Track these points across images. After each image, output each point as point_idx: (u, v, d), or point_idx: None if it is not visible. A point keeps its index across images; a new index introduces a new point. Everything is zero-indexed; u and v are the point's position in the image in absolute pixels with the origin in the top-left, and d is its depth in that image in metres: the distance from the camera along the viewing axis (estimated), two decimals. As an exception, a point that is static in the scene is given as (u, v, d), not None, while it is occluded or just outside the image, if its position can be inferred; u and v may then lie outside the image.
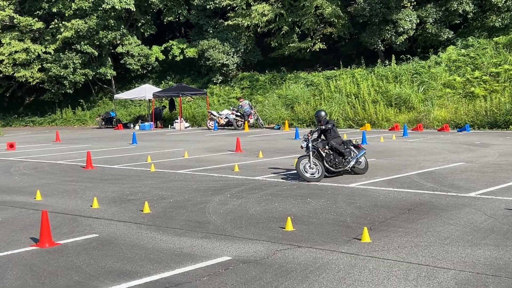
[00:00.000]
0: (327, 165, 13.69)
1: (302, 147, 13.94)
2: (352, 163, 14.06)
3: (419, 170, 14.72)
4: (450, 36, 33.82)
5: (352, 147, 14.34)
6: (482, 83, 30.33)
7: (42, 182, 14.70)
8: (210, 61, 39.45)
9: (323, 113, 14.77)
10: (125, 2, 40.39)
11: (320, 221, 9.41)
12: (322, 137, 14.40)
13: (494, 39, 32.61)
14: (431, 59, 33.26)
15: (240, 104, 33.79)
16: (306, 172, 13.45)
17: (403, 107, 30.91)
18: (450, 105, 29.73)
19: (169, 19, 42.11)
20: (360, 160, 14.38)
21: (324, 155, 13.76)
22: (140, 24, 43.82)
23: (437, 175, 13.84)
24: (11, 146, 24.42)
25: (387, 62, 34.63)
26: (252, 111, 33.42)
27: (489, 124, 27.67)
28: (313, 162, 13.49)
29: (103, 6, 40.26)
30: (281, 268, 7.07)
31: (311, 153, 13.52)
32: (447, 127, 27.38)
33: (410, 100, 30.76)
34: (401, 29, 33.35)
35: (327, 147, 14.02)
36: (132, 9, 41.03)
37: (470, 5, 33.08)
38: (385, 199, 11.08)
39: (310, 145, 13.61)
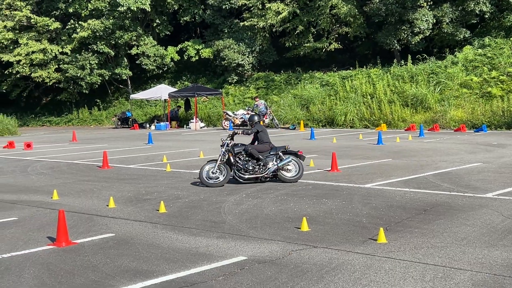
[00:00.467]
0: (235, 170, 13.44)
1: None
2: (271, 169, 13.45)
3: (436, 170, 14.64)
4: (466, 36, 33.60)
5: (280, 154, 13.64)
6: (499, 83, 30.09)
7: (59, 182, 14.80)
8: (225, 61, 39.51)
9: (256, 118, 14.48)
10: (141, 2, 40.55)
11: (336, 222, 9.39)
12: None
13: (511, 38, 32.34)
14: (448, 59, 33.06)
15: (255, 103, 33.77)
16: (209, 177, 13.26)
17: (419, 107, 30.75)
18: (466, 105, 29.53)
19: (185, 19, 42.23)
20: (288, 167, 13.61)
21: (232, 161, 13.47)
22: (155, 24, 43.98)
23: (453, 175, 13.75)
24: (28, 145, 24.62)
25: (403, 62, 34.46)
26: (267, 111, 33.42)
27: (506, 125, 27.45)
28: (218, 166, 13.30)
29: (119, 8, 40.45)
30: (297, 268, 7.06)
31: (220, 157, 13.40)
32: (464, 128, 27.20)
33: (427, 100, 30.59)
34: (417, 29, 33.18)
35: (242, 152, 13.67)
36: (148, 9, 41.19)
37: (487, 5, 32.85)
38: (401, 199, 11.03)
39: (223, 149, 13.50)
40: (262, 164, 13.53)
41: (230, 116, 34.42)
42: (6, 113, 40.80)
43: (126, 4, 40.10)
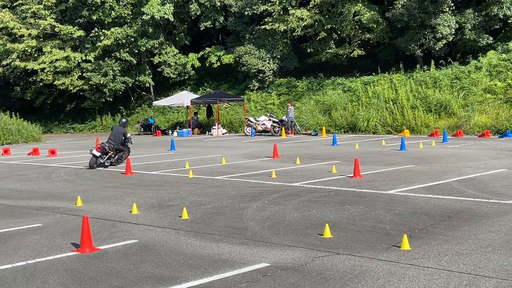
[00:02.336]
0: None
1: None
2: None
3: (460, 176, 14.51)
4: (489, 42, 33.30)
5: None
6: (524, 88, 29.78)
7: (83, 188, 14.92)
8: (245, 67, 39.56)
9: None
10: (164, 12, 40.84)
11: (359, 228, 9.34)
12: None
13: (536, 43, 32.03)
14: (471, 64, 32.78)
15: (289, 107, 33.51)
16: None
17: (442, 113, 30.52)
18: (491, 110, 29.23)
19: (205, 24, 42.40)
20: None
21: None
22: (177, 32, 44.23)
23: (478, 181, 13.62)
24: (52, 152, 24.87)
25: (425, 67, 34.24)
26: (293, 118, 33.24)
27: (531, 130, 27.13)
28: None
29: (143, 17, 40.81)
30: (320, 275, 7.04)
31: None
32: (488, 133, 26.93)
33: (450, 106, 30.35)
34: (440, 34, 32.95)
35: None
36: (171, 19, 41.47)
37: (511, 9, 32.52)
38: (425, 206, 10.94)
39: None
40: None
41: (252, 122, 34.46)
42: (31, 120, 41.30)
43: (150, 13, 40.42)
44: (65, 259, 8.15)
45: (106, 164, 19.61)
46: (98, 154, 19.32)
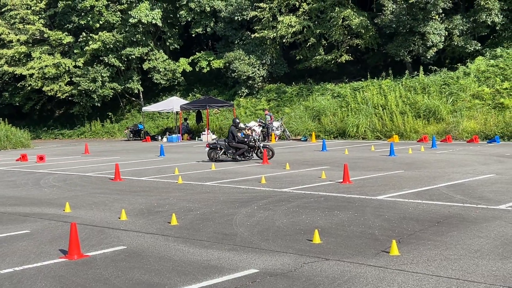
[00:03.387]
0: None
1: None
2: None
3: (448, 182, 14.56)
4: (477, 48, 33.50)
5: None
6: (511, 93, 29.97)
7: (71, 194, 14.85)
8: (235, 73, 39.58)
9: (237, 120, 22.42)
10: (152, 17, 40.83)
11: (348, 234, 9.35)
12: None
13: (523, 49, 32.25)
14: (460, 70, 32.96)
15: (266, 114, 33.70)
16: None
17: (431, 119, 30.65)
18: (479, 116, 29.39)
19: (196, 30, 42.43)
20: None
21: None
22: (166, 37, 44.20)
23: (466, 187, 13.67)
24: (41, 158, 24.75)
25: (415, 73, 34.39)
26: (275, 125, 33.34)
27: (519, 136, 27.30)
28: None
29: (130, 20, 40.78)
30: (309, 281, 7.03)
31: None
32: (477, 139, 27.05)
33: (439, 111, 30.49)
34: (430, 42, 33.09)
35: None
36: (159, 24, 41.45)
37: (499, 16, 32.75)
38: (414, 211, 10.96)
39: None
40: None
41: (242, 128, 34.38)
42: (19, 126, 41.10)
43: (137, 17, 40.41)
44: (53, 266, 8.09)
45: (220, 157, 21.96)
46: (206, 149, 22.58)
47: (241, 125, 34.94)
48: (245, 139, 21.82)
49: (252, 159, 22.00)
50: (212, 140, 35.56)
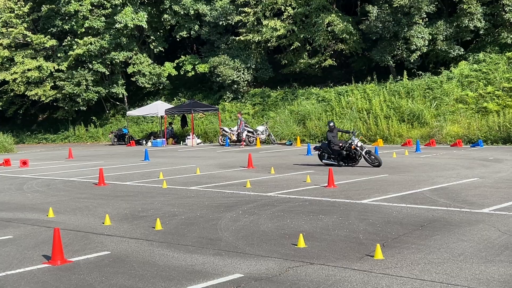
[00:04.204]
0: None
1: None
2: None
3: (432, 186, 14.63)
4: (460, 53, 33.75)
5: None
6: (495, 98, 30.20)
7: (55, 199, 14.74)
8: (220, 78, 39.57)
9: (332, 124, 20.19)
10: (138, 19, 40.74)
11: (333, 238, 9.36)
12: None
13: (506, 54, 32.50)
14: (443, 74, 33.19)
15: (239, 118, 33.81)
16: None
17: (415, 123, 30.82)
18: (463, 120, 29.59)
19: (181, 34, 42.38)
20: None
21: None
22: (150, 40, 44.11)
23: (450, 191, 13.75)
24: (24, 163, 24.56)
25: (399, 78, 34.58)
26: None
27: (502, 139, 27.50)
28: None
29: (116, 25, 40.67)
30: (294, 285, 7.02)
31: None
32: (460, 143, 27.24)
33: (423, 116, 30.67)
34: (414, 46, 33.30)
35: None
36: (144, 26, 41.36)
37: (482, 21, 33.02)
38: (398, 215, 11.00)
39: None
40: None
41: (227, 132, 34.44)
42: (3, 130, 40.84)
43: (123, 21, 40.30)
44: (36, 272, 8.03)
45: (327, 161, 20.43)
46: (317, 152, 21.26)
47: (226, 129, 35.14)
48: (340, 144, 20.04)
49: (357, 165, 20.06)
50: (197, 144, 35.54)
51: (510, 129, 27.48)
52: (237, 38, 39.43)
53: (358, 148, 19.69)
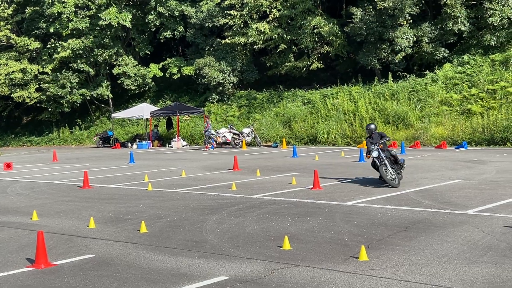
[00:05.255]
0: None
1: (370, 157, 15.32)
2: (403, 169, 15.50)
3: (417, 187, 14.70)
4: (445, 55, 33.96)
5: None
6: (479, 100, 30.41)
7: (39, 202, 14.64)
8: (205, 79, 39.50)
9: (372, 126, 15.87)
10: (122, 18, 40.61)
11: (318, 240, 9.37)
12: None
13: (490, 56, 32.74)
14: (428, 76, 33.37)
15: (207, 121, 33.90)
16: (392, 178, 14.76)
17: (400, 125, 30.95)
18: (447, 122, 29.77)
19: (165, 34, 42.30)
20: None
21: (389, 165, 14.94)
22: (135, 43, 44.00)
23: (434, 192, 13.82)
24: (8, 166, 24.37)
25: (384, 80, 34.73)
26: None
27: (486, 141, 27.70)
28: (391, 171, 14.82)
29: (100, 22, 40.52)
30: (279, 287, 7.02)
31: (385, 163, 14.85)
32: (445, 144, 27.39)
33: (408, 118, 30.81)
34: (398, 47, 33.48)
35: (389, 157, 15.24)
36: (128, 25, 41.23)
37: (466, 24, 33.25)
38: (383, 217, 11.04)
39: (383, 155, 14.99)
40: (399, 165, 15.27)
41: (213, 134, 34.39)
42: (-14, 133, 40.49)
43: (107, 19, 40.18)
44: (19, 275, 7.97)
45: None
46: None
47: (216, 130, 35.07)
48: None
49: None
50: (183, 146, 35.47)
51: (494, 130, 27.69)
52: (223, 41, 39.40)
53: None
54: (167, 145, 37.46)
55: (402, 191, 14.16)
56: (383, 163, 14.88)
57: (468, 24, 33.49)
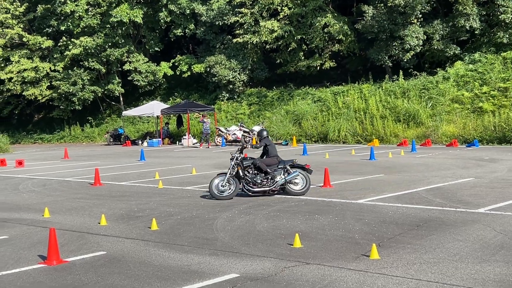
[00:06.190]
0: (244, 184, 13.81)
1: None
2: (279, 183, 13.75)
3: (428, 185, 14.65)
4: (457, 52, 33.81)
5: (288, 167, 13.92)
6: (490, 98, 30.26)
7: (50, 199, 14.72)
8: (216, 77, 39.57)
9: (264, 133, 14.82)
10: (133, 14, 40.73)
11: (328, 238, 9.37)
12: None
13: (502, 54, 32.56)
14: (439, 74, 33.23)
15: (204, 120, 34.07)
16: (219, 190, 13.62)
17: (411, 123, 30.85)
18: (458, 120, 29.64)
19: (175, 32, 42.40)
20: (296, 180, 13.91)
21: (241, 174, 13.83)
22: (146, 40, 44.10)
23: (445, 190, 13.77)
24: (20, 163, 24.51)
25: (394, 78, 34.62)
26: (255, 129, 33.60)
27: (497, 139, 27.55)
28: (228, 179, 13.65)
29: (111, 19, 40.65)
30: (289, 285, 7.03)
31: (229, 170, 13.77)
32: (456, 143, 27.28)
33: (418, 116, 30.70)
34: (408, 45, 33.36)
35: (251, 165, 13.99)
36: (139, 21, 41.32)
37: (477, 21, 33.08)
38: (394, 215, 11.02)
39: (232, 163, 13.84)
40: (270, 177, 13.85)
41: (223, 132, 34.43)
42: (-2, 130, 40.73)
43: (118, 16, 40.30)
44: (31, 272, 8.01)
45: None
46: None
47: (222, 129, 35.16)
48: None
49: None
50: (193, 144, 35.52)
51: (506, 129, 27.54)
52: (234, 40, 39.40)
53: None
54: (177, 142, 37.53)
55: (413, 189, 14.11)
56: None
57: (480, 21, 33.33)
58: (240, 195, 13.87)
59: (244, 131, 33.72)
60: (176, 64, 42.80)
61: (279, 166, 14.01)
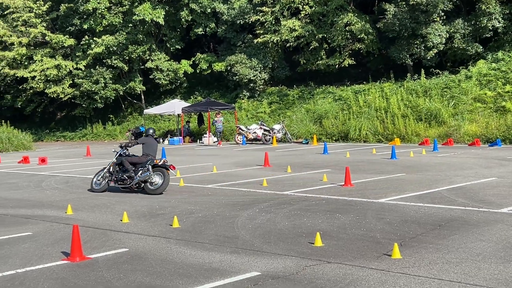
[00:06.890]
0: (114, 179, 15.06)
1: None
2: (134, 181, 14.71)
3: (450, 185, 14.55)
4: (479, 51, 33.50)
5: (149, 167, 14.66)
6: (513, 97, 29.95)
7: (73, 197, 14.86)
8: (237, 76, 39.64)
9: (150, 131, 15.93)
10: (155, 15, 40.95)
11: (350, 237, 9.35)
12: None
13: (525, 53, 32.23)
14: (461, 73, 32.96)
15: (215, 119, 34.80)
16: (95, 183, 15.31)
17: (433, 122, 30.63)
18: (481, 119, 29.37)
19: (196, 31, 42.55)
20: (153, 181, 14.69)
21: (111, 170, 15.20)
22: (167, 39, 44.28)
23: (468, 190, 13.66)
24: (43, 160, 24.76)
25: (416, 76, 34.40)
26: (276, 128, 33.71)
27: (521, 139, 27.28)
28: (103, 175, 15.20)
29: (134, 18, 40.91)
30: (311, 284, 7.03)
31: (107, 167, 15.23)
32: (478, 142, 27.05)
33: (440, 115, 30.47)
34: (431, 43, 33.13)
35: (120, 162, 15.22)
36: (161, 22, 41.52)
37: (500, 20, 32.76)
38: (416, 214, 10.96)
39: (114, 158, 15.26)
40: (128, 175, 14.88)
41: (243, 130, 34.47)
42: (21, 128, 41.17)
43: (141, 15, 40.56)
44: (55, 268, 8.10)
45: None
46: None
47: (242, 127, 35.23)
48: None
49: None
50: (214, 142, 35.63)
51: (529, 128, 27.24)
52: (256, 40, 39.40)
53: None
54: (198, 141, 37.65)
55: (435, 189, 14.02)
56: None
57: (503, 20, 33.00)
58: (257, 194, 13.89)
59: (265, 130, 33.74)
60: (197, 62, 42.93)
61: (145, 166, 14.81)
